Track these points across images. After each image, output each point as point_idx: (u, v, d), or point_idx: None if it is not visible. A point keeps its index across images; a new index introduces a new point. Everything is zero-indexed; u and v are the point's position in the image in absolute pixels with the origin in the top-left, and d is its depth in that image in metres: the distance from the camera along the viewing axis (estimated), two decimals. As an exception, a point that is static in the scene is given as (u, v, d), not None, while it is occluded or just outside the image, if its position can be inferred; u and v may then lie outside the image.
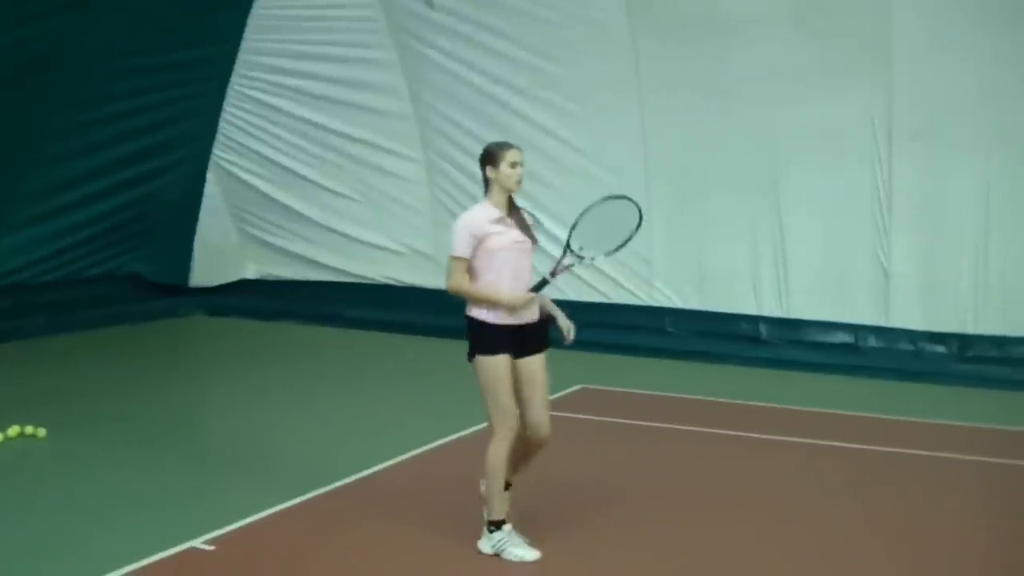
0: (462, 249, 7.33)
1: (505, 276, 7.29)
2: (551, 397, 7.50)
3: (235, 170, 17.74)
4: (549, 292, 7.58)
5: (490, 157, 7.65)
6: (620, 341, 15.52)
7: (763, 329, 15.19)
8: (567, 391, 12.72)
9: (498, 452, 7.23)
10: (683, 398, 12.78)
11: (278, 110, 17.46)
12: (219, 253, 18.34)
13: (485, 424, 7.54)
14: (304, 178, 17.44)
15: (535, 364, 7.46)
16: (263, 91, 17.42)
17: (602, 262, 8.48)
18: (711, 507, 8.51)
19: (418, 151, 16.85)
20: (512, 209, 7.60)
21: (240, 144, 17.66)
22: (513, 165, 7.52)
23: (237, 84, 17.42)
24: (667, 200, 15.40)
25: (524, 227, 7.55)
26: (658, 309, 15.77)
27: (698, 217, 15.36)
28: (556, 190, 15.91)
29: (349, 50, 16.86)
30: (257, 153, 17.64)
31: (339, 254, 17.60)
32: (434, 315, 16.58)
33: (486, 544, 7.35)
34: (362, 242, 17.52)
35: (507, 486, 7.48)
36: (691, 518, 8.22)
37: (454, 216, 16.44)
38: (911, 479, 9.60)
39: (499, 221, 7.43)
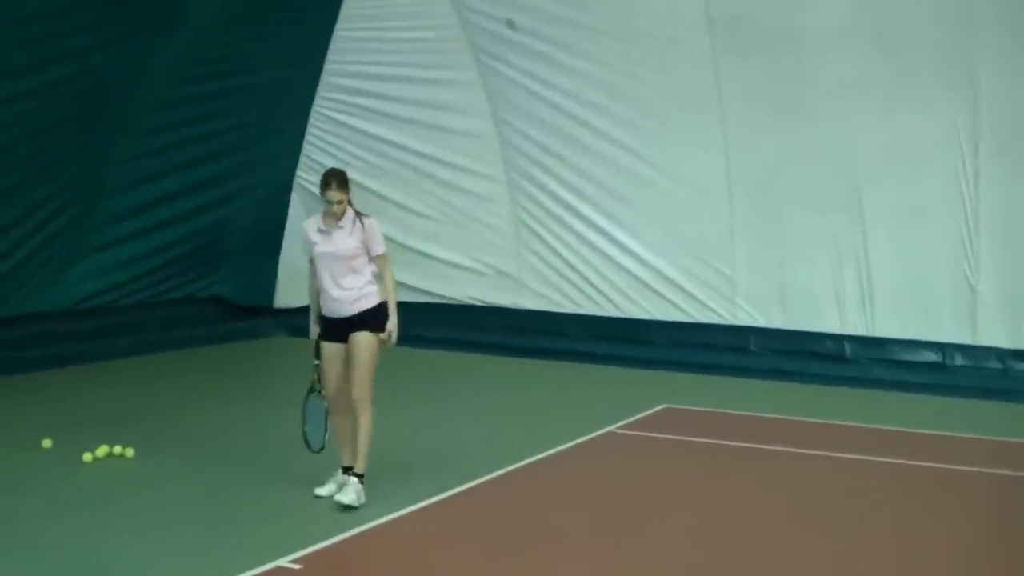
0: (305, 252, 8.92)
1: (325, 278, 8.66)
2: (635, 418, 7.48)
3: (317, 191, 17.78)
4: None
5: (320, 184, 8.87)
6: (703, 360, 15.47)
7: (847, 348, 15.06)
8: (650, 411, 12.68)
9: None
10: (767, 418, 12.68)
11: (359, 131, 17.55)
12: (303, 274, 18.30)
13: (570, 444, 7.57)
14: (385, 198, 17.46)
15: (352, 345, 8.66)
16: (344, 112, 17.52)
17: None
18: (791, 527, 8.45)
19: (500, 171, 16.88)
20: (354, 218, 8.81)
21: (322, 165, 17.65)
22: (329, 203, 8.73)
23: (319, 106, 17.54)
24: (749, 218, 15.34)
25: (347, 237, 8.70)
26: (741, 328, 15.68)
27: (780, 234, 15.27)
28: (634, 207, 15.94)
29: (430, 71, 16.95)
30: (339, 174, 17.70)
31: (421, 274, 17.60)
32: (517, 335, 16.67)
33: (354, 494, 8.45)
34: (444, 262, 17.55)
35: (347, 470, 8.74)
36: (771, 537, 8.15)
37: (537, 236, 16.62)
38: (998, 500, 9.47)
39: (321, 231, 8.75)
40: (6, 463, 9.79)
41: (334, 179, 8.68)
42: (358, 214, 8.77)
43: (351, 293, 8.59)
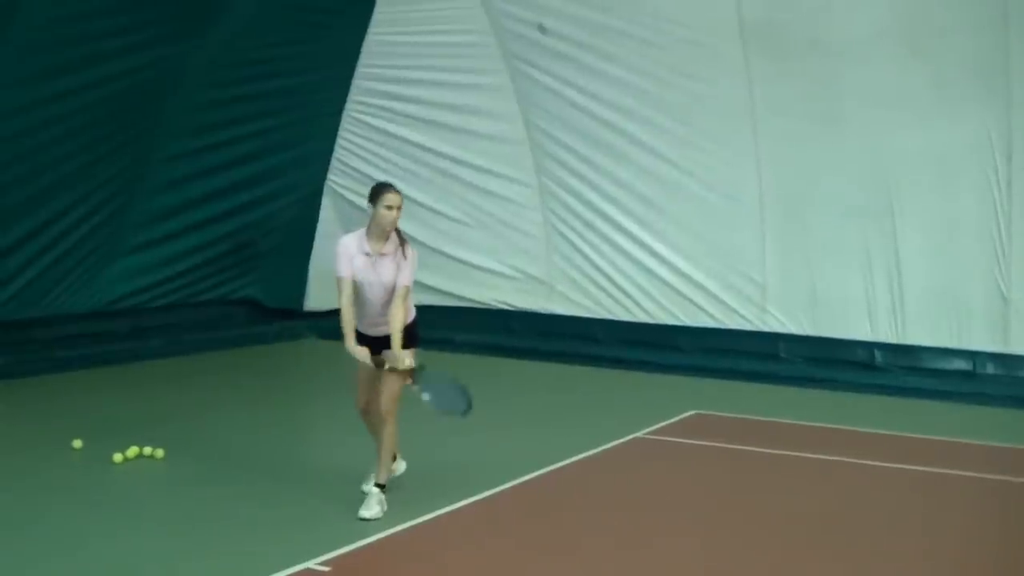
0: (343, 269, 8.37)
1: (367, 302, 8.42)
2: (664, 424, 7.47)
3: (349, 195, 17.85)
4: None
5: (372, 195, 8.30)
6: (733, 367, 15.44)
7: (878, 355, 15.00)
8: (680, 416, 12.65)
9: None
10: (796, 425, 12.64)
11: (391, 135, 17.58)
12: (334, 277, 18.33)
13: (599, 449, 7.56)
14: (417, 203, 17.46)
15: None
16: (376, 116, 17.55)
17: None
18: (819, 534, 8.42)
19: (531, 176, 16.89)
20: (398, 245, 8.38)
21: (354, 169, 17.78)
22: (388, 208, 8.21)
23: (351, 109, 17.58)
24: (780, 225, 15.31)
25: (392, 266, 8.34)
26: (771, 335, 15.64)
27: (811, 241, 15.22)
28: (665, 212, 15.92)
29: (461, 75, 16.97)
30: (370, 178, 17.64)
31: (451, 278, 17.62)
32: (547, 340, 16.67)
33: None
34: (474, 266, 17.56)
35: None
36: (799, 544, 8.13)
37: (568, 241, 16.60)
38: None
39: (367, 255, 8.30)
40: (38, 463, 9.83)
41: (391, 186, 8.29)
42: (402, 242, 8.44)
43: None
